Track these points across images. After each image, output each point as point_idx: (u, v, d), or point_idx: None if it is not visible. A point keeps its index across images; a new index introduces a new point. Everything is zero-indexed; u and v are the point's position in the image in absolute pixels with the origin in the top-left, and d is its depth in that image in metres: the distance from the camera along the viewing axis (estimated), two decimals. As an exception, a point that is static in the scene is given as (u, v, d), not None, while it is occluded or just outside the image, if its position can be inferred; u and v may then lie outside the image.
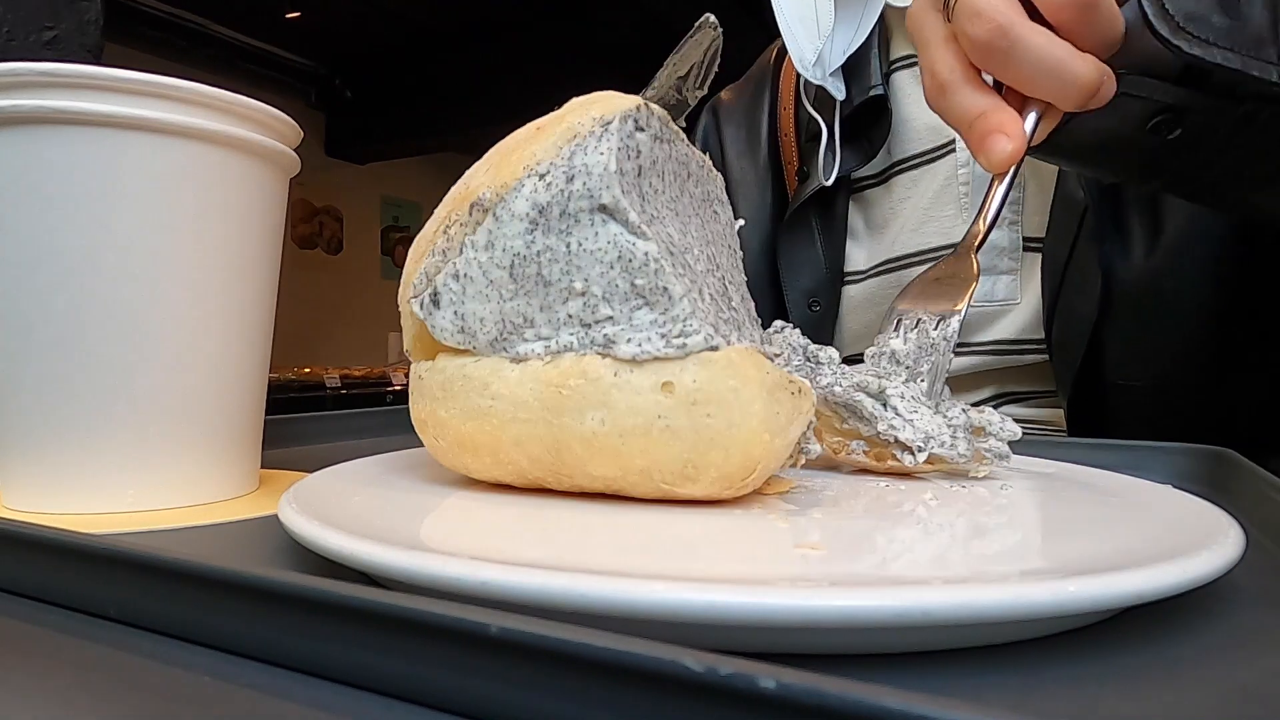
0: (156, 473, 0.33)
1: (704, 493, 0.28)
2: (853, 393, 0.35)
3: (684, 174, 0.33)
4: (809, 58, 0.66)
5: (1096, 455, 0.46)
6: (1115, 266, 0.59)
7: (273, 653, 0.18)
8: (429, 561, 0.19)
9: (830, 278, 0.72)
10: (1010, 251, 0.65)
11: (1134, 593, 0.18)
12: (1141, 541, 0.23)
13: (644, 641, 0.13)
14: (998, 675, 0.18)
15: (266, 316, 0.38)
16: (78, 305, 0.31)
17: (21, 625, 0.21)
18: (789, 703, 0.12)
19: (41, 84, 0.30)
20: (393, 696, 0.16)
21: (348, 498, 0.28)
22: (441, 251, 0.30)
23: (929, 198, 0.68)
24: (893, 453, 0.34)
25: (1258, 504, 0.33)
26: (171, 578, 0.19)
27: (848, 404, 0.35)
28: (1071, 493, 0.32)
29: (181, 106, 0.32)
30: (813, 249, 0.73)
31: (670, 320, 0.27)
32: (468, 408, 0.29)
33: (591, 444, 0.27)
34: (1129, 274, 0.58)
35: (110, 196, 0.31)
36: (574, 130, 0.28)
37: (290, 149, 0.37)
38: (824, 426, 0.36)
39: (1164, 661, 0.19)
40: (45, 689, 0.17)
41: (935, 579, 0.18)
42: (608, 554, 0.23)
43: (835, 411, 0.35)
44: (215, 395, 0.35)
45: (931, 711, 0.11)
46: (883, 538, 0.25)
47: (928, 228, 0.68)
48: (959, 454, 0.34)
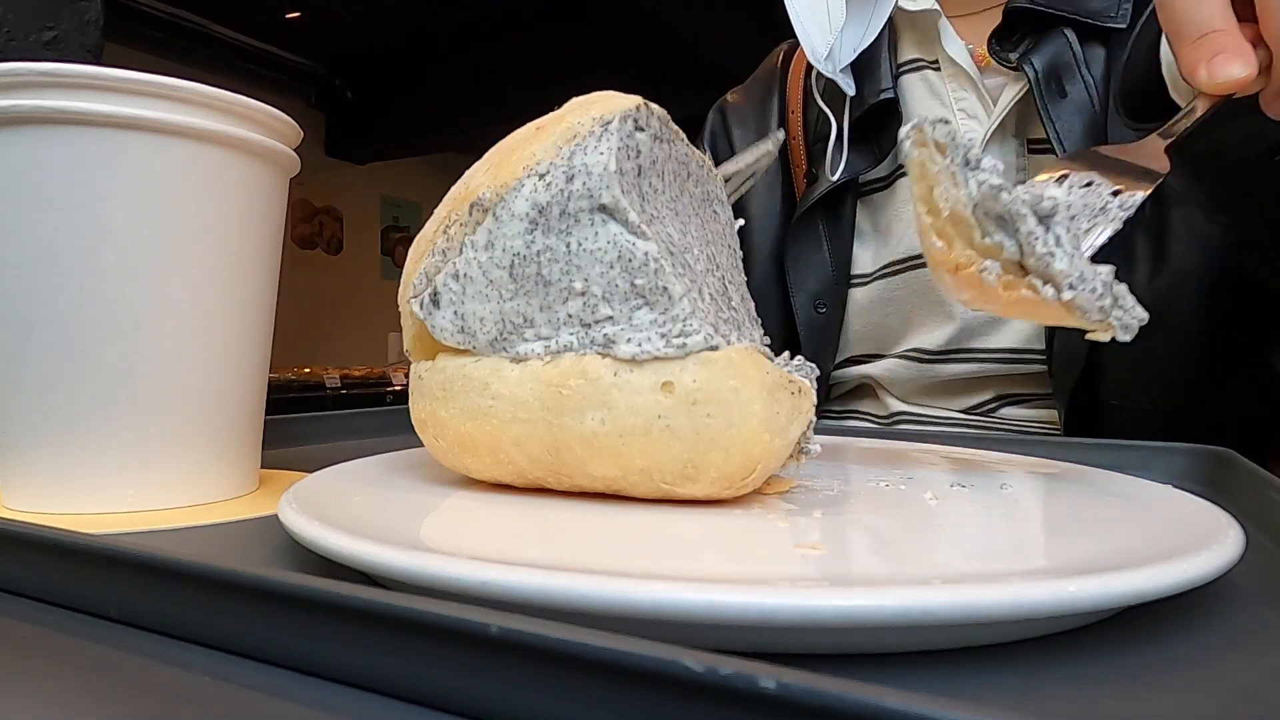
0: (156, 473, 0.33)
1: (704, 493, 0.28)
2: (1018, 204, 0.31)
3: (684, 174, 0.33)
4: (820, 51, 0.66)
5: (1096, 455, 0.46)
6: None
7: (273, 653, 0.18)
8: (429, 561, 0.19)
9: (836, 280, 0.73)
10: None
11: (1134, 593, 0.18)
12: (1141, 541, 0.23)
13: (644, 641, 0.13)
14: (998, 675, 0.18)
15: (266, 316, 0.38)
16: (78, 305, 0.31)
17: (21, 625, 0.21)
18: (789, 703, 0.12)
19: (41, 84, 0.30)
20: (393, 696, 0.16)
21: (348, 498, 0.28)
22: (441, 251, 0.30)
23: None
24: (1032, 282, 0.31)
25: (1258, 504, 0.33)
26: (171, 578, 0.19)
27: (1006, 215, 0.31)
28: (1071, 493, 0.32)
29: (181, 106, 0.32)
30: (819, 252, 0.73)
31: (670, 320, 0.27)
32: (468, 408, 0.29)
33: (591, 444, 0.27)
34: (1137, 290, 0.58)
35: (110, 196, 0.31)
36: (574, 130, 0.28)
37: (290, 149, 0.37)
38: (958, 236, 0.32)
39: (1164, 661, 0.19)
40: (45, 689, 0.17)
41: (935, 579, 0.18)
42: (608, 554, 0.23)
43: (981, 224, 0.31)
44: (215, 395, 0.35)
45: (931, 711, 0.11)
46: (883, 538, 0.25)
47: None
48: (1101, 308, 0.31)
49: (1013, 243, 0.31)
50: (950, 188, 0.32)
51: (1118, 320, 0.32)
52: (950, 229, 0.32)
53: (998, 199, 0.31)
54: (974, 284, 0.32)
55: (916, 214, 0.33)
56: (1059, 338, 0.62)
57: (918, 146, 0.33)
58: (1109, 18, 0.61)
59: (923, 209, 0.33)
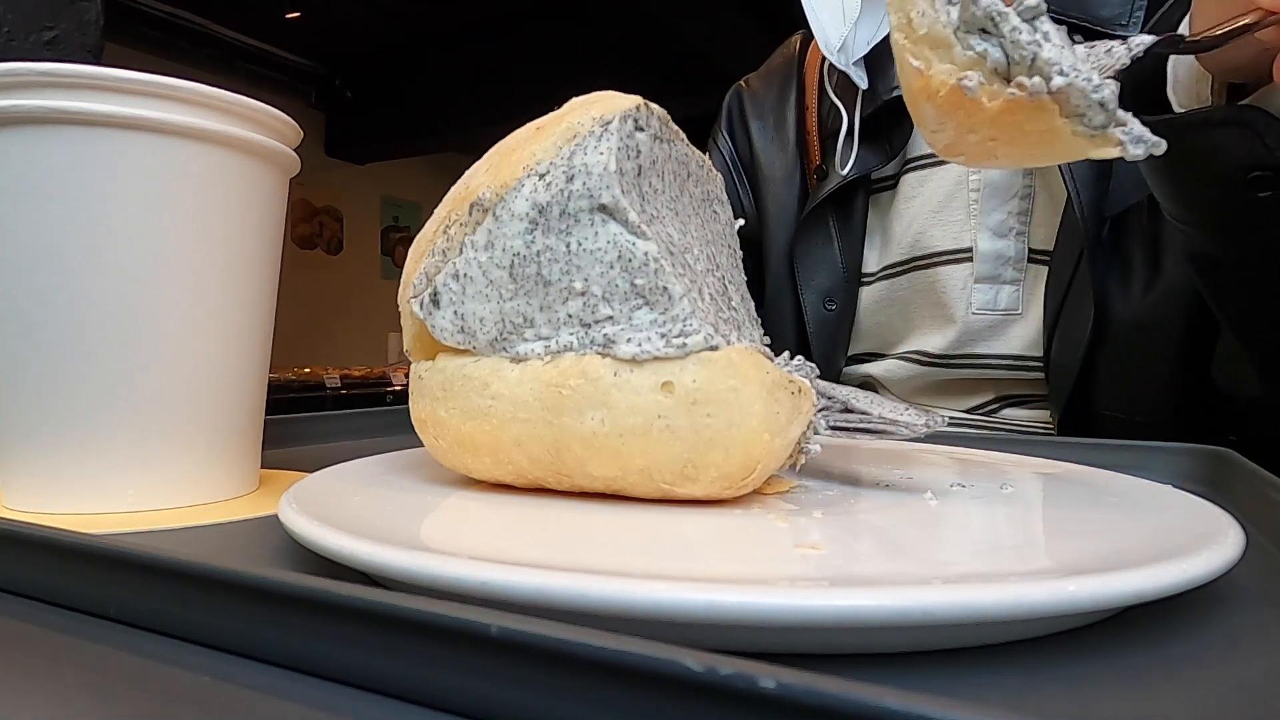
0: (156, 473, 0.33)
1: (704, 493, 0.28)
2: (998, 4, 0.29)
3: (684, 174, 0.33)
4: (834, 44, 0.66)
5: (1096, 455, 0.46)
6: (1114, 300, 0.59)
7: (273, 653, 0.18)
8: (429, 561, 0.19)
9: (847, 279, 0.73)
10: (1015, 262, 0.65)
11: (1134, 593, 0.18)
12: (1141, 541, 0.23)
13: (644, 641, 0.13)
14: (998, 675, 0.18)
15: (266, 316, 0.38)
16: (78, 305, 0.31)
17: (21, 625, 0.21)
18: (789, 703, 0.12)
19: (41, 84, 0.30)
20: (393, 696, 0.16)
21: (348, 498, 0.28)
22: (441, 251, 0.30)
23: (937, 200, 0.68)
24: (1020, 80, 0.28)
25: (1258, 504, 0.33)
26: (171, 578, 0.19)
27: (987, 21, 0.29)
28: (1071, 493, 0.32)
29: (181, 106, 0.32)
30: (829, 248, 0.73)
31: (670, 320, 0.27)
32: (468, 408, 0.29)
33: (591, 444, 0.27)
34: (1126, 309, 0.58)
35: (110, 196, 0.31)
36: (574, 130, 0.28)
37: (290, 149, 0.37)
38: (937, 57, 0.30)
39: (1164, 661, 0.19)
40: (45, 689, 0.17)
41: (935, 579, 0.18)
42: (608, 554, 0.23)
43: (961, 40, 0.29)
44: (215, 395, 0.35)
45: (931, 711, 0.11)
46: (883, 538, 0.25)
47: (935, 231, 0.68)
48: (1100, 103, 0.27)
49: (996, 48, 0.29)
50: (928, 8, 0.30)
51: (1125, 134, 0.27)
52: (928, 50, 0.30)
53: (977, 3, 0.29)
54: (956, 105, 0.29)
55: (894, 43, 0.31)
56: (1057, 341, 0.62)
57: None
58: (1120, 25, 0.61)
59: (900, 36, 0.30)
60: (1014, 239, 0.65)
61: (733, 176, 0.81)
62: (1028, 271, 0.65)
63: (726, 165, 0.81)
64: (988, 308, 0.66)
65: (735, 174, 0.81)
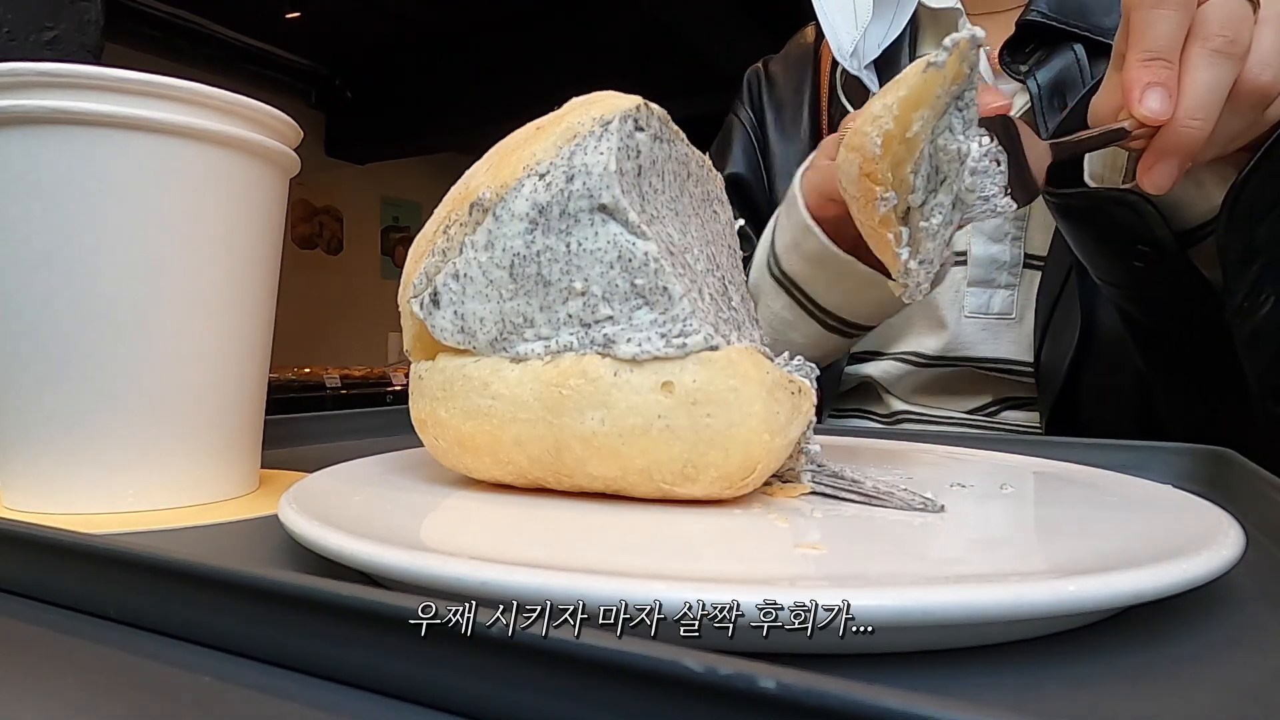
0: (156, 473, 0.33)
1: (704, 493, 0.28)
2: (962, 181, 0.34)
3: (684, 174, 0.33)
4: (846, 48, 0.66)
5: (1096, 455, 0.46)
6: (1101, 312, 0.60)
7: (273, 653, 0.18)
8: (429, 561, 0.19)
9: None
10: (1010, 267, 0.65)
11: (1134, 593, 0.18)
12: (1141, 541, 0.23)
13: (644, 641, 0.13)
14: (998, 675, 0.18)
15: (266, 317, 0.38)
16: (78, 305, 0.31)
17: (21, 625, 0.21)
18: (789, 703, 0.12)
19: (41, 84, 0.30)
20: (393, 696, 0.16)
21: (348, 498, 0.28)
22: (441, 251, 0.30)
23: None
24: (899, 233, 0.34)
25: (1258, 504, 0.33)
26: (171, 578, 0.19)
27: (944, 173, 0.34)
28: (1071, 493, 0.32)
29: (181, 106, 0.32)
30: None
31: (670, 320, 0.27)
32: (468, 408, 0.29)
33: (591, 444, 0.27)
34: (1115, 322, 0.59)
35: (110, 196, 0.31)
36: (574, 130, 0.28)
37: (290, 149, 0.37)
38: (895, 155, 0.33)
39: (1164, 661, 0.19)
40: (45, 689, 0.17)
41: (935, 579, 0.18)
42: (608, 554, 0.23)
43: (918, 159, 0.33)
44: (215, 395, 0.35)
45: (931, 711, 0.11)
46: (883, 538, 0.25)
47: None
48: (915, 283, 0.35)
49: (920, 196, 0.33)
50: (934, 117, 0.33)
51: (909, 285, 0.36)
52: (898, 146, 0.33)
53: (954, 158, 0.33)
54: (865, 193, 0.34)
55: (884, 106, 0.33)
56: (1045, 352, 0.63)
57: (956, 60, 0.33)
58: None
59: (890, 113, 0.33)
60: (1009, 244, 0.65)
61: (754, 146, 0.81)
62: (1023, 277, 0.65)
63: (748, 135, 0.81)
64: (980, 312, 0.66)
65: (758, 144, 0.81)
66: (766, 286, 0.62)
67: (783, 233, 0.60)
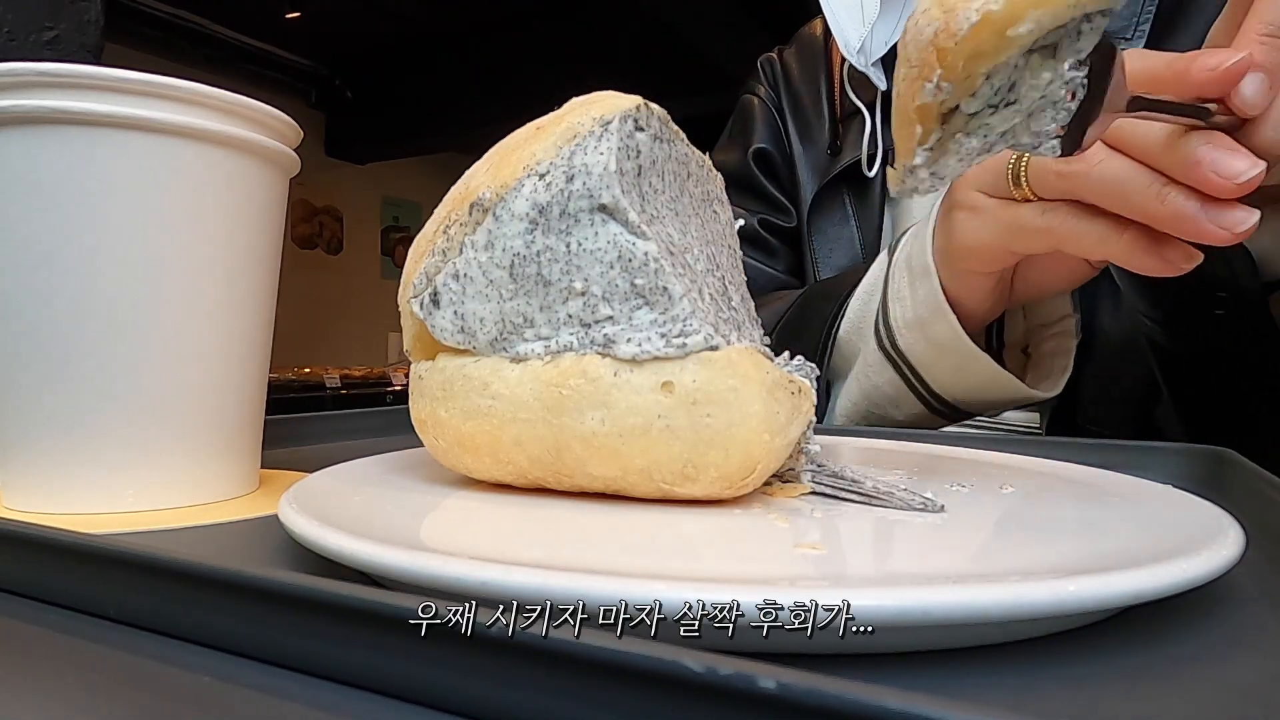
0: (156, 473, 0.33)
1: (704, 493, 0.28)
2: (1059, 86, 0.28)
3: (684, 174, 0.33)
4: (854, 44, 0.66)
5: (1096, 455, 0.46)
6: (1103, 316, 0.60)
7: (273, 653, 0.18)
8: (429, 561, 0.19)
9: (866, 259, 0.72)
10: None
11: (1134, 592, 0.18)
12: (1141, 541, 0.23)
13: (644, 641, 0.13)
14: (998, 675, 0.18)
15: (266, 317, 0.38)
16: (77, 305, 0.31)
17: (21, 625, 0.20)
18: (789, 703, 0.12)
19: (41, 84, 0.30)
20: (393, 696, 0.16)
21: (348, 498, 0.28)
22: (441, 251, 0.30)
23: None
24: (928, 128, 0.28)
25: (1258, 504, 0.33)
26: (171, 578, 0.19)
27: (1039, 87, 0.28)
28: (1071, 493, 0.32)
29: (181, 106, 0.32)
30: (846, 226, 0.73)
31: (670, 320, 0.27)
32: (468, 408, 0.29)
33: (591, 444, 0.27)
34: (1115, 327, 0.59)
35: (110, 196, 0.31)
36: (574, 130, 0.28)
37: (290, 149, 0.37)
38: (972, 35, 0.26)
39: (1164, 661, 0.19)
40: (45, 689, 0.17)
41: (935, 579, 0.18)
42: (608, 554, 0.23)
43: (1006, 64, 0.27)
44: (215, 395, 0.35)
45: (931, 711, 0.11)
46: (883, 538, 0.25)
47: None
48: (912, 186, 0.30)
49: (977, 106, 0.28)
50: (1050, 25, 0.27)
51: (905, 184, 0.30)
52: (991, 37, 0.27)
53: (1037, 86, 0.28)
54: (924, 64, 0.27)
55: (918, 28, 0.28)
56: None
57: None
58: (1124, 39, 0.61)
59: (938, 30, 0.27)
60: None
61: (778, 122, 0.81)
62: None
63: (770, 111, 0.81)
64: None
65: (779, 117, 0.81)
66: (873, 357, 0.58)
67: (903, 304, 0.55)
